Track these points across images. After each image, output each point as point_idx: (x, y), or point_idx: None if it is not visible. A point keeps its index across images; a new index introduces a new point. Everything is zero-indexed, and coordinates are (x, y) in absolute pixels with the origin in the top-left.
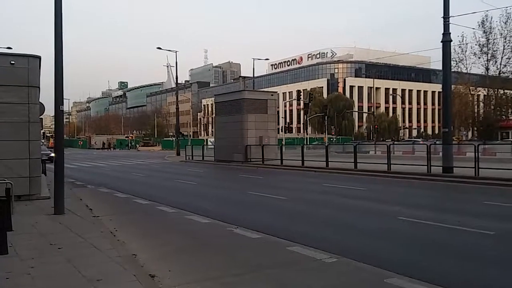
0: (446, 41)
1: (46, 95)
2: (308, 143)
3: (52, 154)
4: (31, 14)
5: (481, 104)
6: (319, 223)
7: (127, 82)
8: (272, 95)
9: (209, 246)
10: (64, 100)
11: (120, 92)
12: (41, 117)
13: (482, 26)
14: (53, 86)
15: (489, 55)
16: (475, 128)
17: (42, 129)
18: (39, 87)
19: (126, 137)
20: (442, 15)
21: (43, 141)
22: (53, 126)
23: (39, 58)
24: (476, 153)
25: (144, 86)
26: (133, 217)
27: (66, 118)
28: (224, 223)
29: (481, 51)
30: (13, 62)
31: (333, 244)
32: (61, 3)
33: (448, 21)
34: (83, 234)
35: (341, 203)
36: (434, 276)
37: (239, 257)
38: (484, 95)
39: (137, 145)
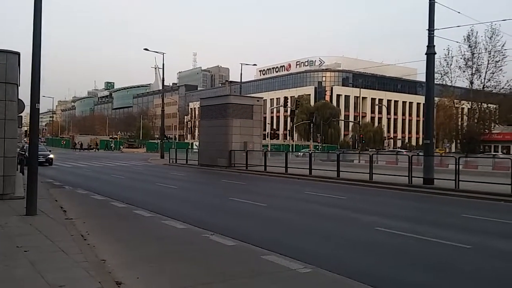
0: (430, 53)
1: (29, 93)
2: (294, 150)
3: (51, 156)
4: (16, 10)
5: (465, 117)
6: (297, 231)
7: (113, 83)
8: (258, 100)
9: (182, 252)
10: (49, 99)
11: (106, 92)
12: (20, 114)
13: (468, 40)
14: None
15: (474, 69)
16: (459, 141)
17: (21, 127)
18: (17, 84)
19: (110, 138)
20: (427, 28)
21: (25, 139)
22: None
23: (18, 54)
24: (457, 166)
25: (131, 87)
26: (108, 221)
27: (50, 117)
28: (200, 229)
29: (466, 65)
30: None
31: (309, 253)
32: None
33: (433, 34)
34: (53, 237)
35: (320, 212)
36: None
37: (212, 265)
38: (468, 109)
39: (121, 146)
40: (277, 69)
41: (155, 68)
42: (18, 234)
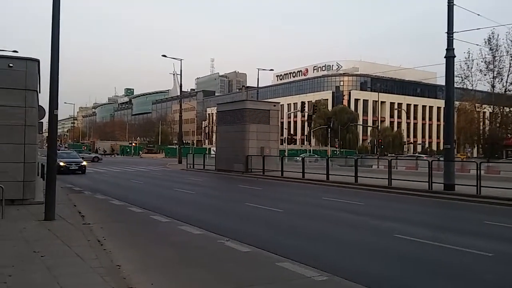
0: (449, 56)
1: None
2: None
3: (84, 163)
4: (40, 18)
5: (487, 121)
6: (313, 238)
7: (133, 89)
8: (274, 105)
9: (197, 258)
10: (70, 105)
11: (126, 99)
12: (41, 121)
13: (489, 43)
14: (60, 91)
15: (495, 73)
16: (480, 146)
17: (42, 133)
18: (37, 91)
19: (129, 143)
20: (446, 31)
21: (61, 145)
22: (60, 130)
23: (37, 61)
24: (478, 171)
25: (150, 93)
26: (125, 226)
27: (72, 123)
28: (216, 235)
29: (487, 68)
30: (11, 65)
31: (325, 261)
32: (59, 5)
33: (452, 37)
34: (70, 242)
35: (337, 218)
36: None
37: (226, 271)
38: (490, 113)
39: (140, 152)
40: (294, 74)
41: (174, 74)
42: (35, 239)
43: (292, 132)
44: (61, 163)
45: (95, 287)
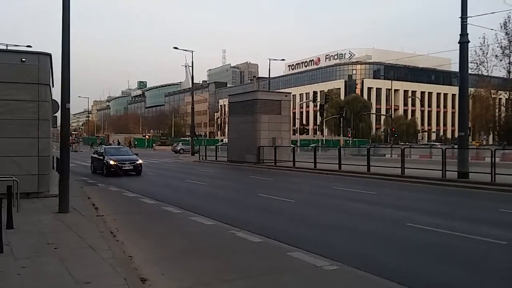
0: (463, 42)
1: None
2: (324, 145)
3: (140, 161)
4: (53, 13)
5: (503, 108)
6: (324, 227)
7: (146, 82)
8: (286, 96)
9: (208, 249)
10: (84, 99)
11: (139, 92)
12: (55, 115)
13: (504, 28)
14: (74, 85)
15: (511, 58)
16: (496, 133)
17: (56, 127)
18: (49, 85)
19: (143, 136)
20: (460, 15)
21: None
22: (75, 124)
23: (49, 55)
24: (493, 158)
25: (162, 86)
26: (137, 217)
27: (87, 117)
28: (227, 226)
29: (503, 53)
30: (23, 59)
31: (336, 250)
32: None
33: (466, 22)
34: (83, 234)
35: (349, 208)
36: None
37: (237, 261)
38: (506, 99)
39: (153, 144)
40: (306, 64)
41: (186, 66)
42: (49, 231)
43: (304, 122)
44: (111, 162)
45: (107, 278)
